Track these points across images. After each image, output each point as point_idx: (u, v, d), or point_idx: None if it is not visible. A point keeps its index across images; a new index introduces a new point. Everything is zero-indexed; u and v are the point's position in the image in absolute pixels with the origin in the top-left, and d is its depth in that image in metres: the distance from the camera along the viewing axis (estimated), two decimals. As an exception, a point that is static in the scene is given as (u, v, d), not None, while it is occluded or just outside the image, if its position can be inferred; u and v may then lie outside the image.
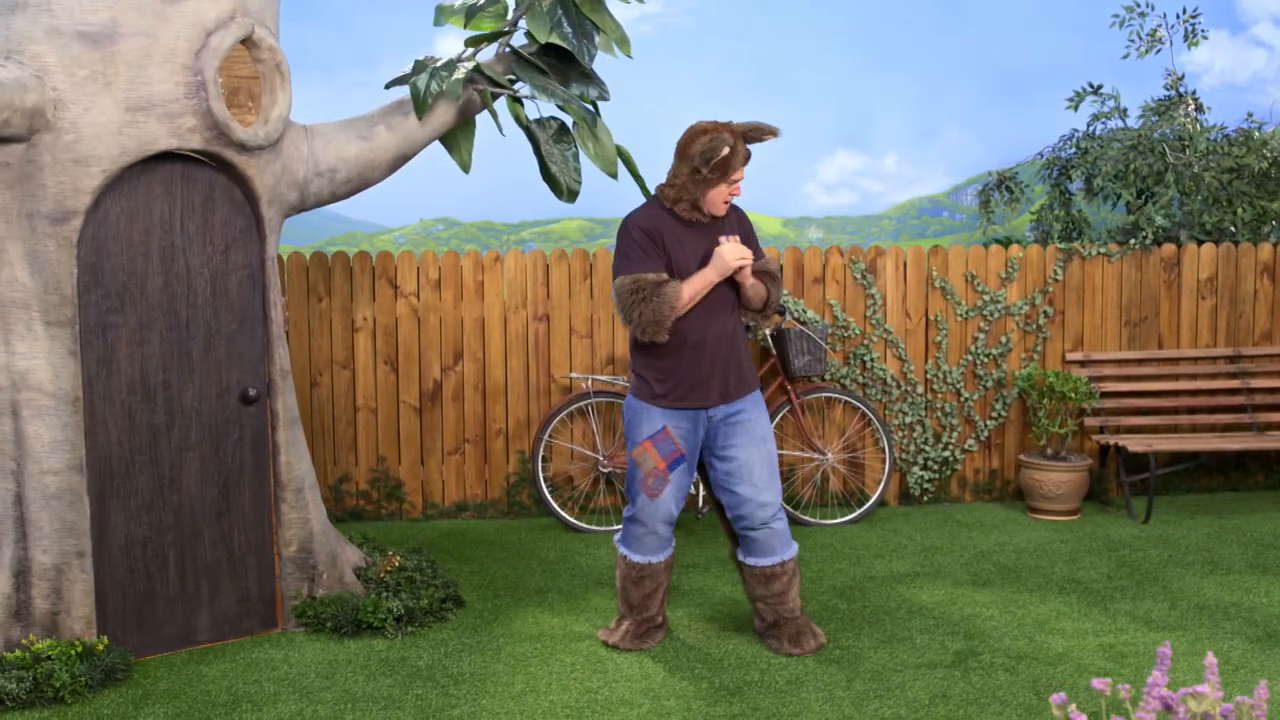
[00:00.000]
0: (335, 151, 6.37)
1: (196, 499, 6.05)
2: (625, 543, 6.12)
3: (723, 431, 5.90)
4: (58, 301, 5.59)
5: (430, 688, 5.54)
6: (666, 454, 5.88)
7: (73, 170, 5.51)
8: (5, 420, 5.65)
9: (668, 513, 5.97)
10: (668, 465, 5.89)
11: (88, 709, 5.33)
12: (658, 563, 6.09)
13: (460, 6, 6.72)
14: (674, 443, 5.88)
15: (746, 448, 5.88)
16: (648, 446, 5.90)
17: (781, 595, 6.04)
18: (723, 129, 5.64)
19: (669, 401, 5.85)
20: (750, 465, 5.88)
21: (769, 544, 5.97)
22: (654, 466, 5.90)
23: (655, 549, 6.07)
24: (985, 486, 9.06)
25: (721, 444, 5.92)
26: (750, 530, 5.96)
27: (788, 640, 6.02)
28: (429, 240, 12.17)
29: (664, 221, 5.77)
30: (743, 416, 5.89)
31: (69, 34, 5.47)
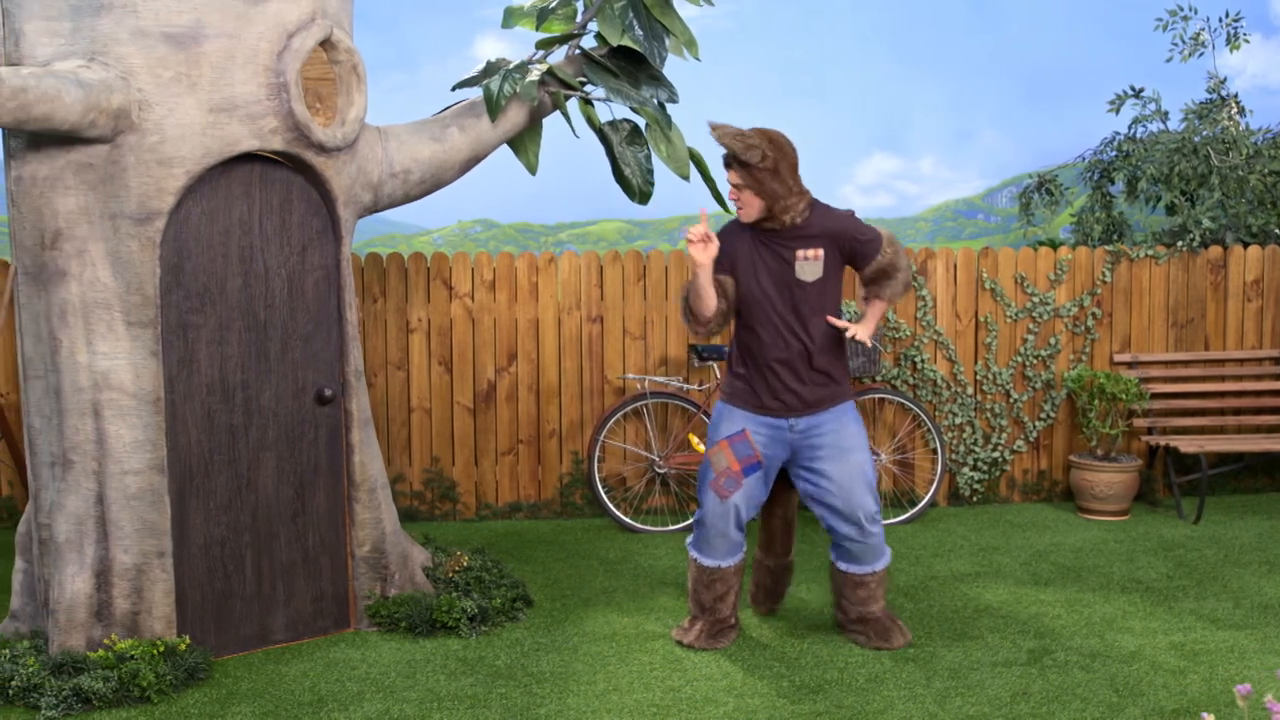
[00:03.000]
0: (409, 153, 6.40)
1: (273, 499, 6.07)
2: (695, 545, 6.14)
3: (808, 444, 5.91)
4: (139, 302, 5.61)
5: (513, 687, 5.56)
6: (742, 457, 5.92)
7: (156, 171, 5.53)
8: (87, 420, 5.66)
9: (736, 517, 5.99)
10: (743, 469, 5.93)
11: (174, 708, 5.35)
12: (728, 567, 6.10)
13: (530, 9, 6.75)
14: (751, 447, 5.92)
15: (833, 460, 5.89)
16: (724, 446, 5.94)
17: (866, 600, 6.08)
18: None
19: (750, 406, 5.91)
20: (837, 478, 5.88)
21: (861, 554, 6.00)
22: (726, 467, 5.93)
23: (726, 553, 6.07)
24: (1034, 487, 9.09)
25: (808, 457, 5.93)
26: (844, 541, 5.99)
27: (875, 635, 6.07)
28: (467, 242, 12.18)
29: (747, 235, 5.86)
30: (828, 429, 5.89)
31: (154, 35, 5.49)
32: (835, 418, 5.90)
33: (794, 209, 5.74)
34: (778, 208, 5.72)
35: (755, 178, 5.69)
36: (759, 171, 5.67)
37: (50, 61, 5.52)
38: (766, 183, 5.68)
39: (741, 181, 5.73)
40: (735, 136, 5.66)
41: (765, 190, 5.70)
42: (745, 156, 5.64)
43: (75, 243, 5.59)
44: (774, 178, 5.68)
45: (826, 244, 5.78)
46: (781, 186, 5.70)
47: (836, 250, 5.80)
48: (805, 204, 5.77)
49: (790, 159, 5.74)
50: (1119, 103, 10.20)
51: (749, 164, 5.67)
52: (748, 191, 5.73)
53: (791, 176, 5.72)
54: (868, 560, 6.03)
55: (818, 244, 5.78)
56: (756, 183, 5.69)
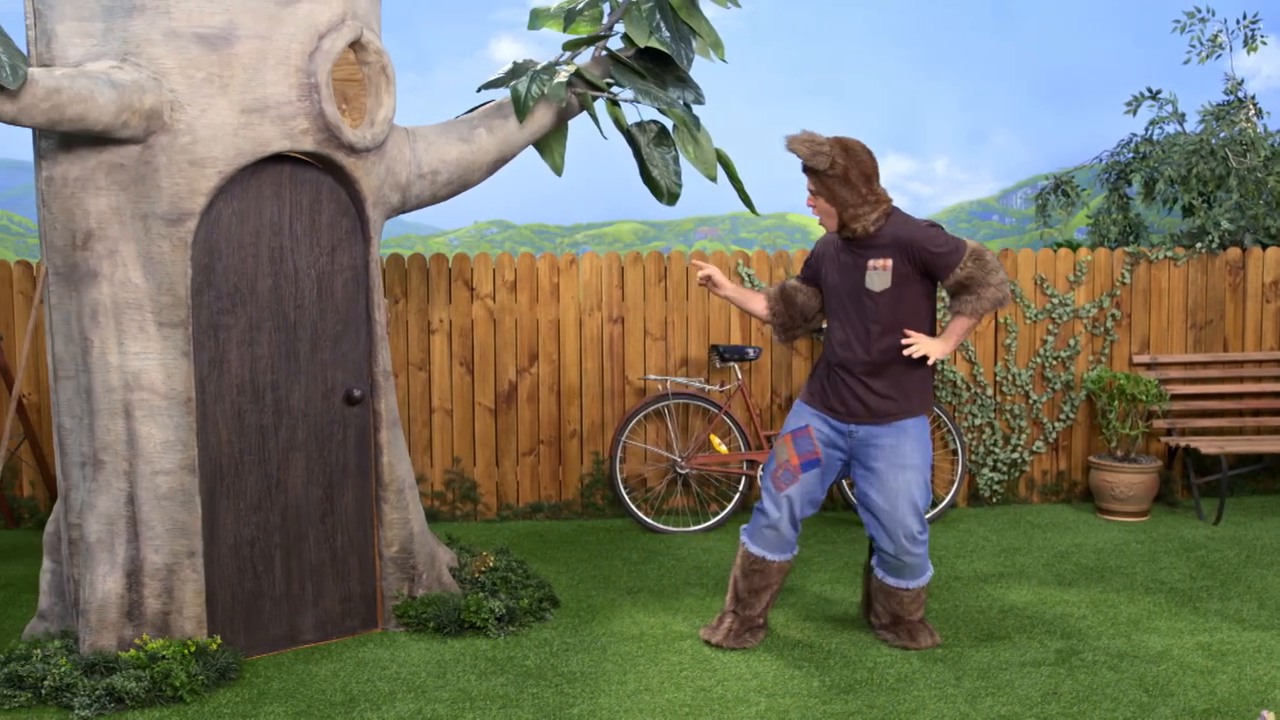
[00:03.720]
0: (437, 154, 6.41)
1: (302, 499, 6.08)
2: (749, 532, 6.16)
3: (865, 451, 5.93)
4: (171, 302, 5.61)
5: (544, 687, 5.57)
6: (802, 452, 5.97)
7: (189, 171, 5.54)
8: (118, 420, 5.67)
9: (790, 511, 6.01)
10: (801, 464, 5.96)
11: (207, 708, 5.35)
12: (772, 561, 6.10)
13: (557, 10, 6.76)
14: (812, 443, 5.96)
15: (883, 474, 5.88)
16: (787, 440, 6.03)
17: (899, 610, 6.11)
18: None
19: (818, 405, 5.99)
20: (884, 492, 5.88)
21: (900, 569, 6.02)
22: (787, 460, 6.00)
23: (775, 546, 6.07)
24: (1053, 488, 9.10)
25: (862, 465, 5.96)
26: (884, 553, 6.01)
27: (904, 635, 6.09)
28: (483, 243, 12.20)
29: (833, 243, 5.96)
30: (885, 442, 5.87)
31: (187, 36, 5.50)
32: (895, 433, 5.87)
33: (865, 218, 5.73)
34: (847, 215, 5.74)
35: (825, 185, 5.72)
36: (828, 178, 5.70)
37: (82, 62, 5.53)
38: (836, 190, 5.71)
39: (814, 188, 5.78)
40: (804, 142, 5.69)
41: (836, 198, 5.72)
42: (813, 163, 5.69)
43: (107, 243, 5.60)
44: (844, 185, 5.69)
45: (896, 254, 5.74)
46: (852, 194, 5.70)
47: (907, 260, 5.74)
48: (880, 213, 5.74)
49: (863, 167, 5.73)
50: (1136, 104, 10.21)
51: (818, 170, 5.71)
52: (820, 199, 5.78)
53: (864, 185, 5.71)
54: (906, 576, 6.04)
55: (887, 254, 5.75)
56: (827, 190, 5.72)
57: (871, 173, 5.75)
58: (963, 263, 5.67)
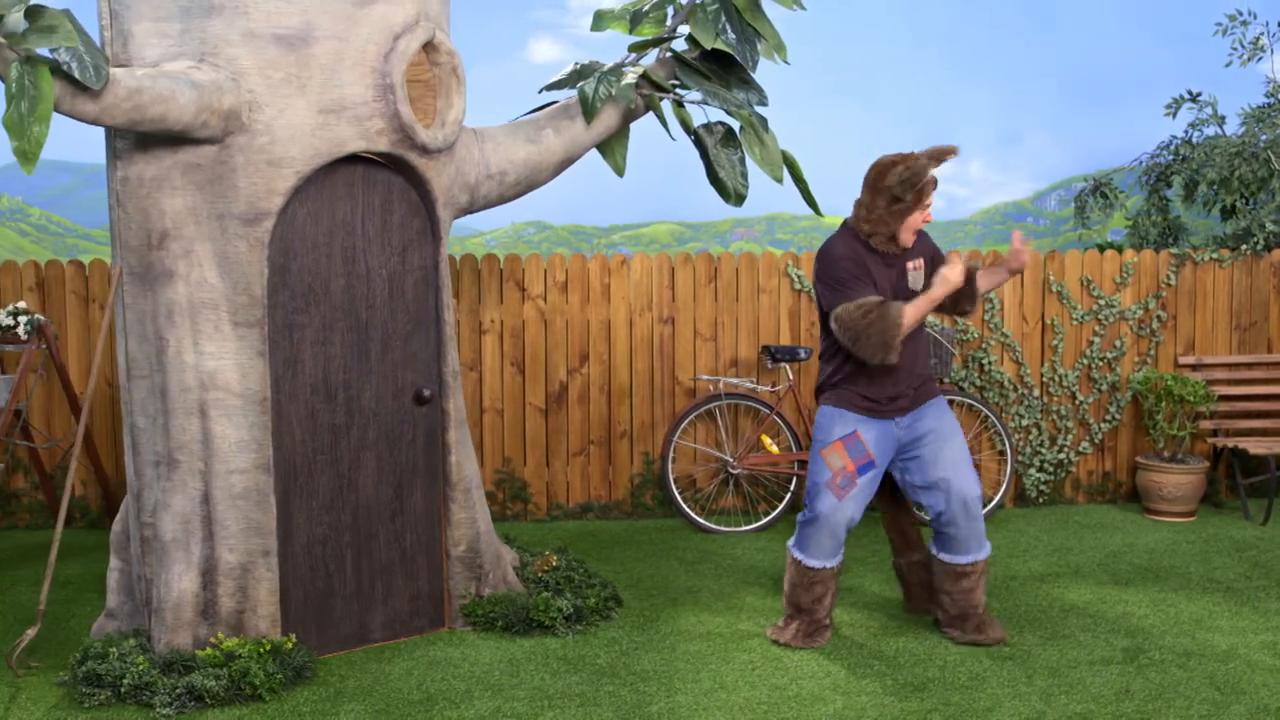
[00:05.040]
0: (505, 155, 6.43)
1: (372, 499, 6.10)
2: (799, 546, 6.17)
3: (912, 435, 6.07)
4: (246, 302, 5.64)
5: (619, 685, 5.59)
6: (857, 457, 6.00)
7: (266, 172, 5.56)
8: (193, 420, 5.69)
9: (849, 517, 6.05)
10: (857, 469, 6.00)
11: (286, 706, 5.37)
12: (829, 568, 6.15)
13: (622, 11, 6.78)
14: (864, 448, 6.01)
15: (938, 444, 6.05)
16: (839, 447, 6.01)
17: (969, 592, 6.14)
18: (912, 158, 5.83)
19: (866, 410, 6.01)
20: (944, 460, 6.04)
21: (965, 541, 6.07)
22: (842, 466, 6.00)
23: (830, 553, 6.13)
24: (1098, 488, 9.12)
25: (912, 446, 6.08)
26: (948, 526, 6.06)
27: (973, 629, 6.14)
28: (519, 244, 12.22)
29: (862, 252, 5.95)
30: (929, 415, 6.08)
31: (265, 37, 5.52)
32: (934, 407, 6.10)
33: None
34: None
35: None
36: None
37: (158, 63, 5.55)
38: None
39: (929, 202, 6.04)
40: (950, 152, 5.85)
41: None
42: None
43: (182, 243, 5.63)
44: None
45: (923, 257, 6.11)
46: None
47: (928, 262, 6.12)
48: None
49: None
50: (1176, 107, 10.24)
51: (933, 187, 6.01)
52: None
53: None
54: (970, 549, 6.11)
55: (918, 256, 6.08)
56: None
57: None
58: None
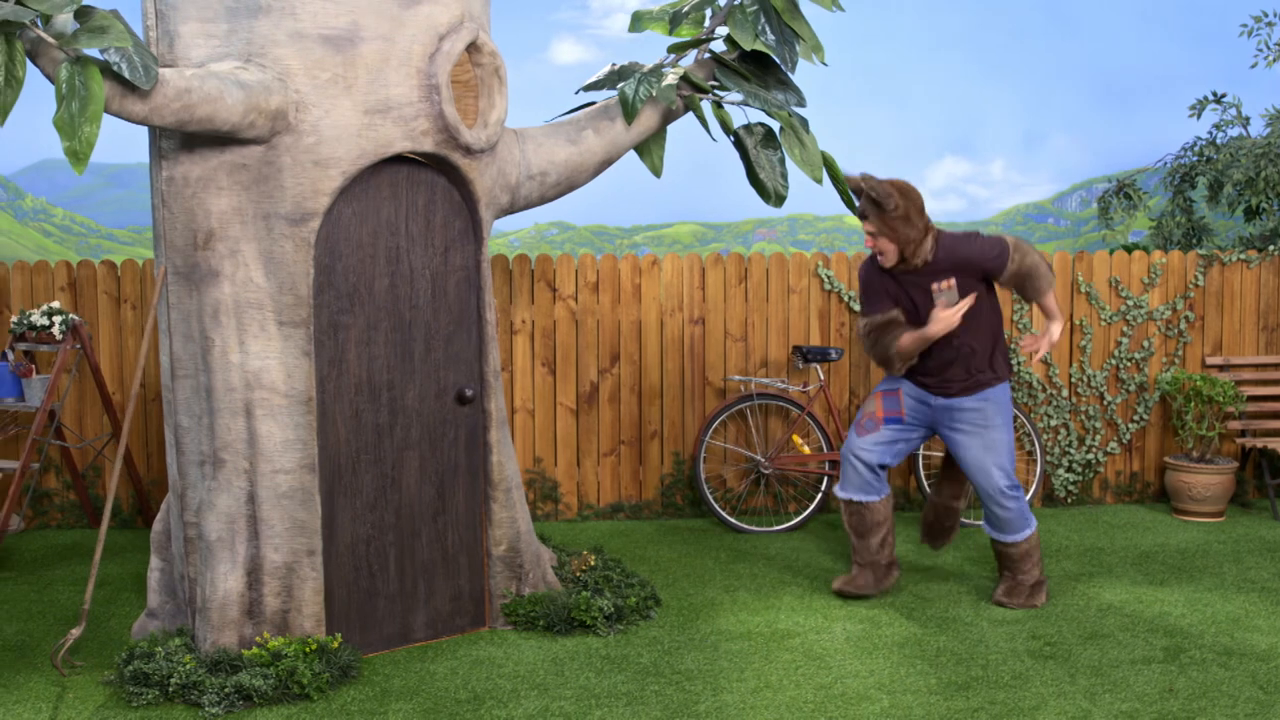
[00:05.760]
0: (545, 155, 6.45)
1: (415, 498, 6.11)
2: (840, 484, 6.91)
3: (949, 419, 6.65)
4: (292, 302, 5.65)
5: (665, 684, 5.61)
6: (889, 409, 6.76)
7: (313, 172, 5.58)
8: (238, 420, 5.71)
9: (863, 451, 6.75)
10: (885, 417, 6.75)
11: (334, 705, 5.39)
12: (864, 502, 6.79)
13: (660, 12, 6.80)
14: (900, 404, 6.73)
15: (970, 435, 6.60)
16: (877, 396, 6.84)
17: (1015, 564, 6.74)
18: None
19: (913, 380, 6.74)
20: (972, 451, 6.59)
21: (1001, 524, 6.67)
22: (872, 411, 6.80)
23: (859, 487, 6.77)
24: (1126, 489, 9.14)
25: (949, 428, 6.69)
26: (985, 508, 6.72)
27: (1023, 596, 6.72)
28: (543, 244, 12.24)
29: (877, 271, 6.57)
30: (969, 405, 6.58)
31: (312, 37, 5.54)
32: (977, 400, 6.57)
33: (923, 250, 6.39)
34: (908, 251, 6.38)
35: (889, 225, 6.35)
36: (892, 219, 6.33)
37: (204, 63, 5.56)
38: (900, 229, 6.34)
39: (875, 229, 6.41)
40: (877, 188, 6.29)
41: (899, 235, 6.35)
42: (885, 204, 6.29)
43: (228, 243, 5.64)
44: (905, 223, 6.34)
45: (957, 273, 6.43)
46: (912, 230, 6.35)
47: (968, 275, 6.44)
48: (931, 241, 6.40)
49: (917, 204, 6.38)
50: (1200, 108, 10.26)
51: (884, 211, 6.32)
52: (883, 238, 6.40)
53: (919, 219, 6.37)
54: (1008, 530, 6.66)
55: (949, 275, 6.42)
56: (890, 229, 6.35)
57: (923, 207, 6.41)
58: (1010, 258, 6.43)
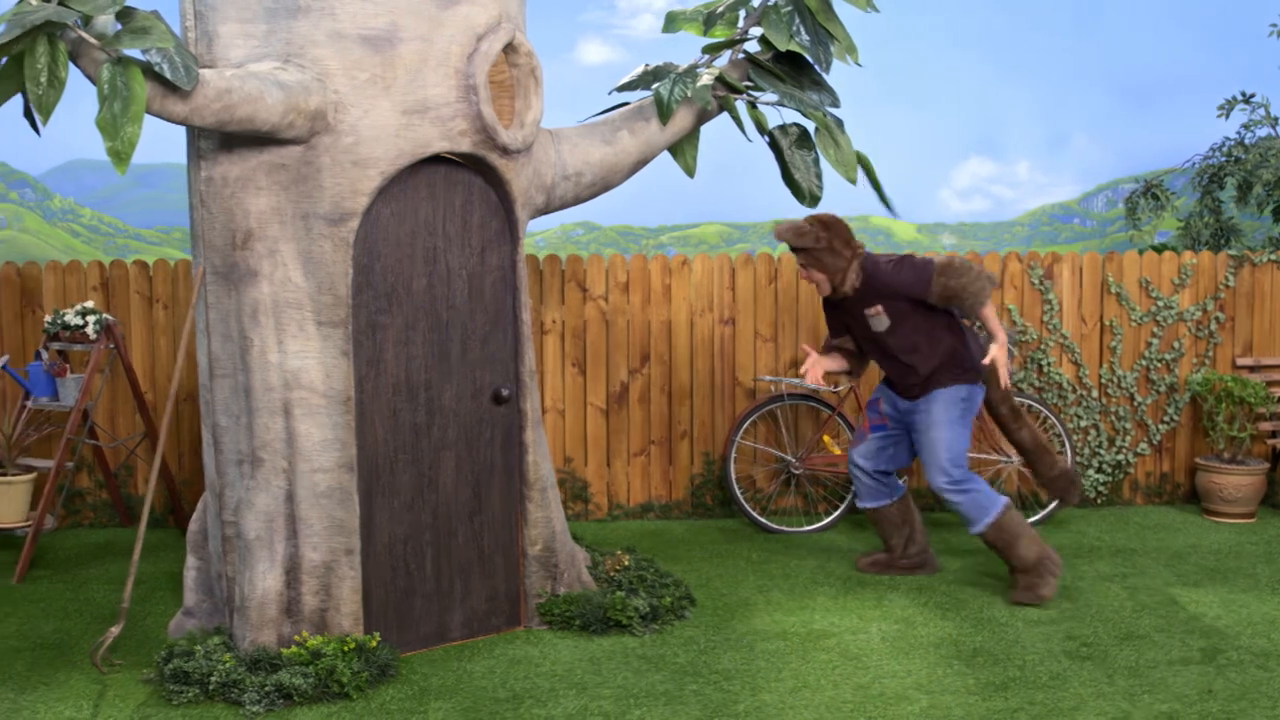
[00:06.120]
0: (581, 155, 6.46)
1: (452, 498, 6.13)
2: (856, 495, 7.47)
3: (908, 418, 7.12)
4: (331, 302, 5.67)
5: (703, 684, 5.61)
6: (872, 418, 7.27)
7: (351, 172, 5.60)
8: (277, 419, 5.72)
9: (863, 464, 7.27)
10: (871, 425, 7.26)
11: (374, 704, 5.40)
12: (876, 508, 7.33)
13: (694, 13, 6.81)
14: (879, 411, 7.24)
15: (918, 436, 7.05)
16: (865, 407, 7.41)
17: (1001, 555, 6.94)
18: None
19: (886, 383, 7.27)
20: (920, 452, 7.05)
21: (961, 515, 6.97)
22: (861, 424, 7.36)
23: (869, 495, 7.32)
24: (1156, 490, 9.12)
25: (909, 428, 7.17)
26: None
27: (1024, 589, 6.83)
28: (568, 244, 12.25)
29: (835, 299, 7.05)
30: (920, 409, 7.01)
31: (351, 38, 5.55)
32: (925, 403, 6.97)
33: (850, 279, 6.81)
34: (837, 280, 6.83)
35: (815, 258, 6.81)
36: (817, 252, 6.79)
37: (243, 64, 5.59)
38: (825, 260, 6.80)
39: (805, 263, 6.89)
40: (790, 230, 6.79)
41: (826, 266, 6.81)
42: (801, 243, 6.77)
43: (267, 243, 5.66)
44: (830, 254, 6.79)
45: (882, 300, 6.85)
46: (837, 260, 6.79)
47: (893, 300, 6.84)
48: (856, 269, 6.81)
49: (841, 235, 6.82)
50: (1228, 108, 10.24)
51: (807, 249, 6.79)
52: (813, 270, 6.86)
53: (845, 248, 6.80)
54: (968, 523, 6.95)
55: (875, 301, 6.86)
56: (818, 262, 6.81)
57: (848, 237, 6.84)
58: (934, 281, 6.72)
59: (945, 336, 6.89)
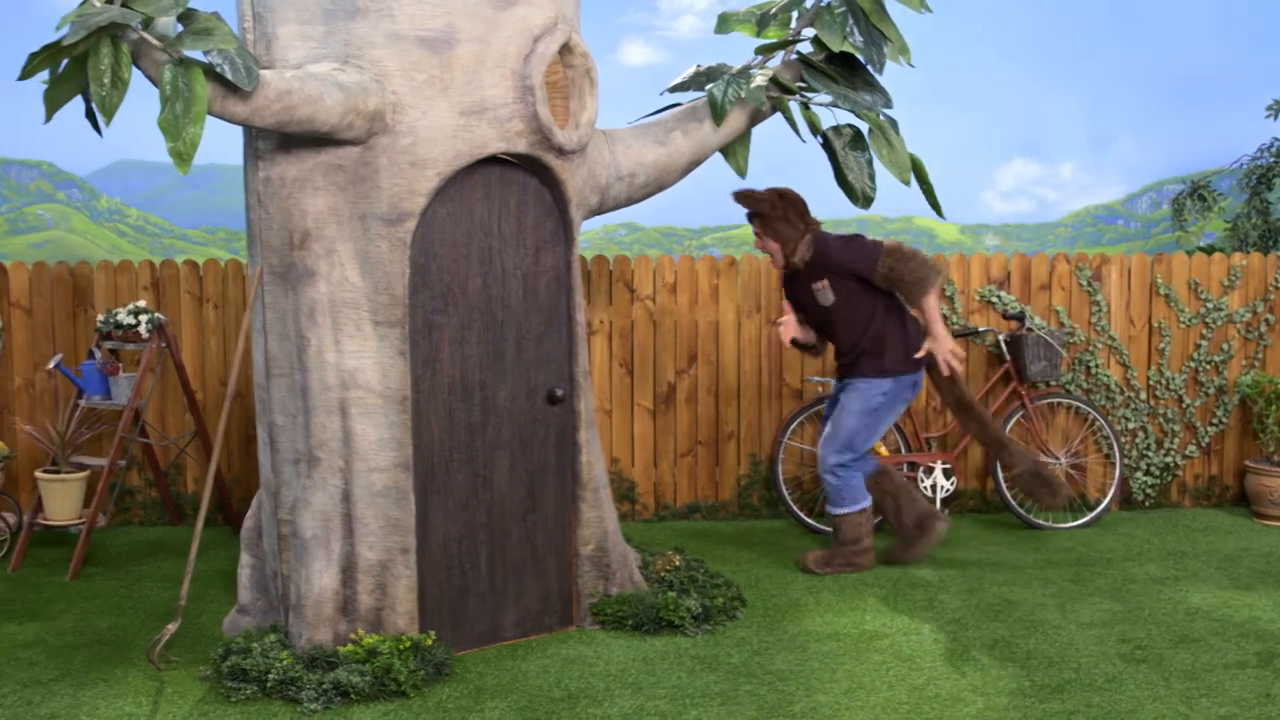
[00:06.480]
0: (634, 156, 6.47)
1: (506, 497, 6.14)
2: None
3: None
4: (387, 302, 5.69)
5: (758, 684, 5.61)
6: (827, 410, 7.62)
7: (409, 173, 5.62)
8: (334, 418, 5.75)
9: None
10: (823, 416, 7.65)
11: (430, 703, 5.42)
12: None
13: (747, 14, 6.81)
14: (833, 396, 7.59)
15: (835, 411, 7.41)
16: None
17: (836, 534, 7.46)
18: None
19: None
20: (831, 422, 7.39)
21: (828, 492, 7.43)
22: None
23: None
24: (1204, 492, 9.09)
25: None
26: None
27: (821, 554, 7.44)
28: (611, 245, 12.28)
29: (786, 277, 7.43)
30: (845, 388, 7.41)
31: (410, 39, 5.58)
32: (850, 386, 7.34)
33: (801, 251, 7.11)
34: (789, 250, 7.13)
35: (770, 226, 7.08)
36: (772, 220, 7.06)
37: (302, 65, 5.61)
38: (781, 229, 7.08)
39: (761, 230, 7.15)
40: (746, 196, 7.04)
41: (780, 235, 7.10)
42: (759, 209, 7.04)
43: (324, 243, 5.69)
44: (785, 224, 7.07)
45: (829, 275, 7.14)
46: (791, 230, 7.08)
47: (840, 276, 7.13)
48: (808, 243, 7.10)
49: (797, 207, 7.09)
50: (1276, 109, 10.18)
51: (763, 215, 7.06)
52: (767, 239, 7.14)
53: (800, 220, 7.08)
54: (831, 502, 7.40)
55: (823, 276, 7.16)
56: (772, 230, 7.09)
57: (803, 210, 7.10)
58: (880, 261, 7.01)
59: (884, 324, 7.21)
